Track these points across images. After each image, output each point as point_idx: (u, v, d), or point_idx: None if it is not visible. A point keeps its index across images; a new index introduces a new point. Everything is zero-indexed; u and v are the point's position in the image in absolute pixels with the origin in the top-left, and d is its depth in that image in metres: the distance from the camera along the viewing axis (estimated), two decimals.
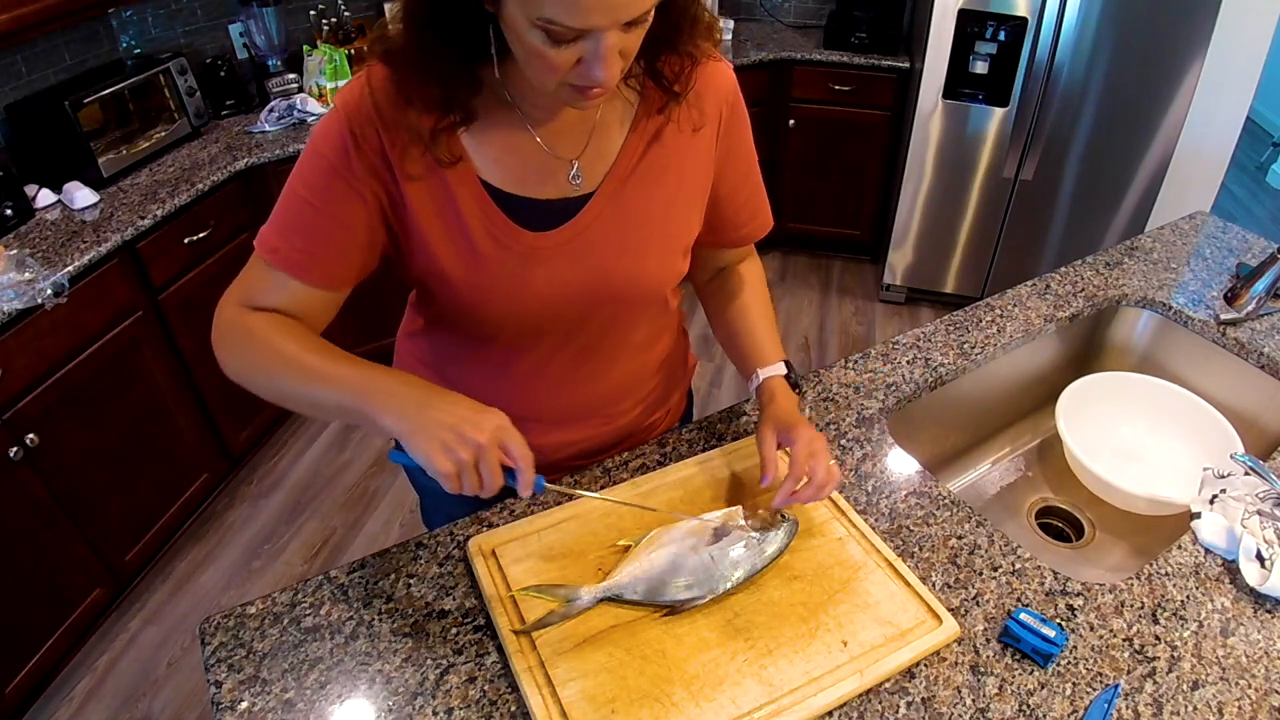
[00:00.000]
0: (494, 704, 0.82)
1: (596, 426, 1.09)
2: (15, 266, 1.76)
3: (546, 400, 1.03)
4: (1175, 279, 1.49)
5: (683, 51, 0.86)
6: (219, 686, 0.85)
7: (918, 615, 0.88)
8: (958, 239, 3.09)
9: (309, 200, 0.85)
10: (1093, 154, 2.74)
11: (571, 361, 1.00)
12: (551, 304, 0.92)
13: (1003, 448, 1.51)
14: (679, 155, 0.93)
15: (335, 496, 2.51)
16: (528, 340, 0.96)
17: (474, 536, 0.98)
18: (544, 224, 0.89)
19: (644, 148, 0.91)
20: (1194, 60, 2.50)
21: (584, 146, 0.89)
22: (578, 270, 0.91)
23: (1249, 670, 0.85)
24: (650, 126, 0.91)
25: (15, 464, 1.75)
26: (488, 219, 0.87)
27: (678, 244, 0.97)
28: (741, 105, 0.98)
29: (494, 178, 0.87)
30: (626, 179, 0.91)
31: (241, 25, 2.67)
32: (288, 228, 0.86)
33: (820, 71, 3.08)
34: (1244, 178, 4.40)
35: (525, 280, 0.89)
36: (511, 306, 0.91)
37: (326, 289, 0.88)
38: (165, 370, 2.17)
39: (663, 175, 0.92)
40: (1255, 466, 1.03)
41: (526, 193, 0.88)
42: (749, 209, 1.05)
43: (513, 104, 0.85)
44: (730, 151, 0.98)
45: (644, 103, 0.90)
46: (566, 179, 0.89)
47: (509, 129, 0.86)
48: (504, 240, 0.88)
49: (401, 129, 0.81)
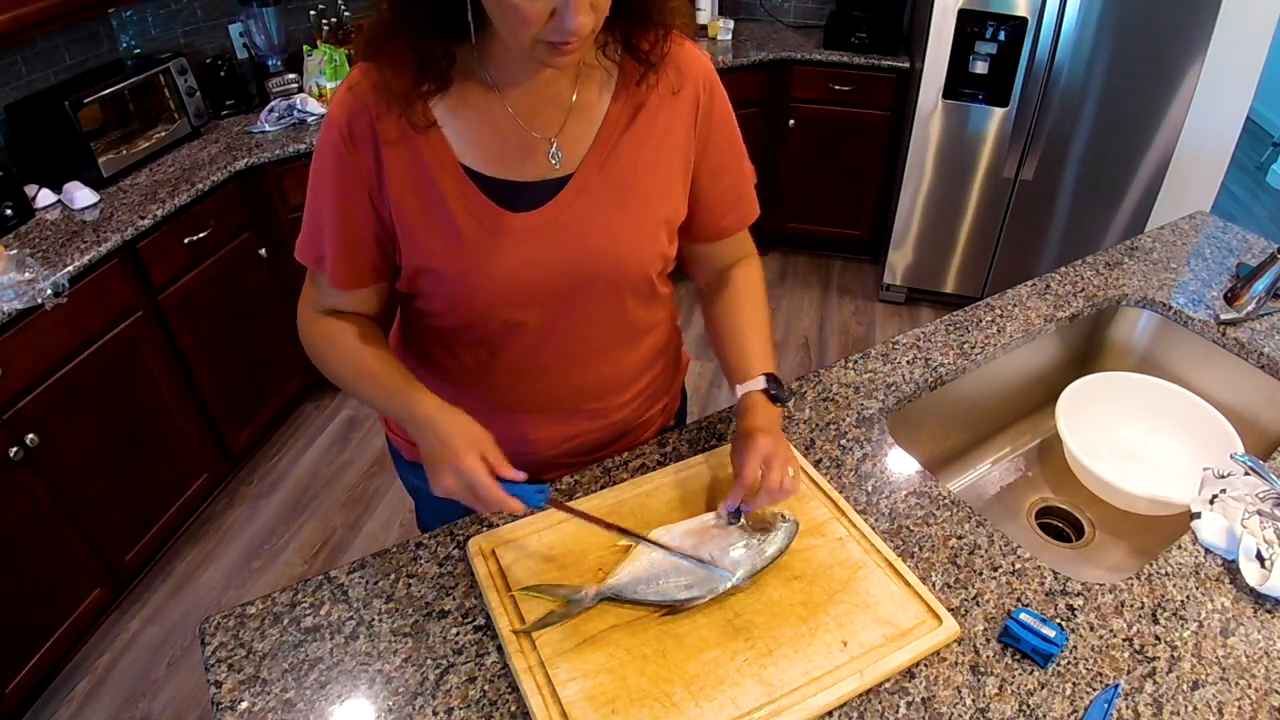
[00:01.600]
0: (494, 704, 0.82)
1: (591, 420, 1.09)
2: (15, 266, 1.76)
3: (536, 391, 1.03)
4: (1175, 279, 1.49)
5: (655, 21, 0.86)
6: (219, 686, 0.85)
7: (918, 615, 0.88)
8: (958, 239, 3.09)
9: (322, 210, 0.91)
10: (1093, 154, 2.74)
11: (559, 350, 1.00)
12: (535, 285, 0.92)
13: (1003, 448, 1.51)
14: (662, 123, 0.93)
15: (335, 496, 2.51)
16: (514, 326, 0.96)
17: (474, 536, 0.98)
18: (525, 204, 0.90)
19: (628, 119, 0.91)
20: (1194, 60, 2.50)
21: (561, 125, 0.90)
22: (560, 250, 0.91)
23: (1249, 670, 0.85)
24: (629, 104, 0.91)
25: (15, 464, 1.75)
26: (468, 201, 0.88)
27: (661, 223, 0.97)
28: (720, 92, 0.97)
29: (473, 160, 0.88)
30: (607, 157, 0.91)
31: (241, 25, 2.67)
32: (312, 238, 0.93)
33: (820, 71, 3.08)
34: (1244, 178, 4.40)
35: (508, 260, 0.90)
36: (496, 288, 0.92)
37: (368, 287, 0.96)
38: (165, 370, 2.17)
39: (644, 149, 0.93)
40: (1255, 466, 1.03)
41: (506, 174, 0.89)
42: (729, 199, 1.03)
43: (491, 85, 0.87)
44: (710, 136, 0.98)
45: (623, 75, 0.91)
46: (546, 159, 0.90)
47: (487, 110, 0.87)
48: (485, 221, 0.89)
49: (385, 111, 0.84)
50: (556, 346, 0.99)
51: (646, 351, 1.09)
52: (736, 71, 3.03)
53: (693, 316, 3.29)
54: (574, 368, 1.02)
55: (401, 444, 1.16)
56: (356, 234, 0.91)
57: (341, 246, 0.92)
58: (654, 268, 0.99)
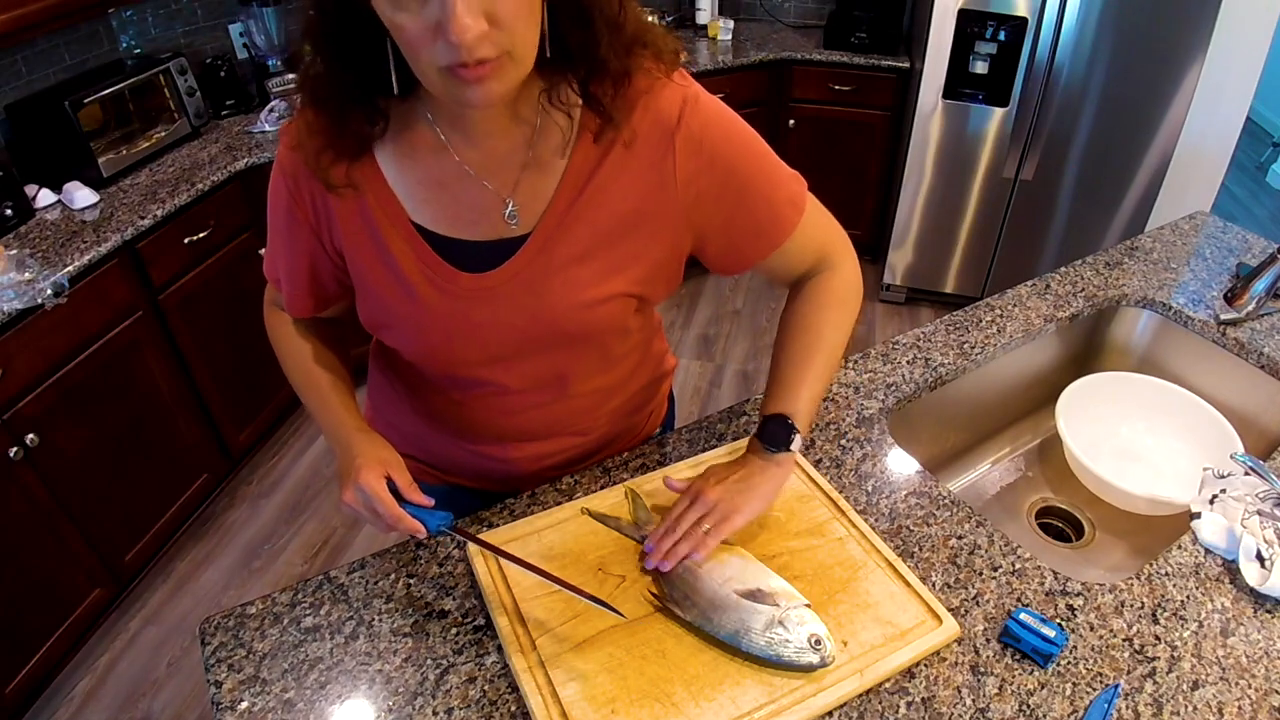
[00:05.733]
0: (494, 704, 0.82)
1: (570, 439, 1.06)
2: (15, 266, 1.76)
3: (510, 423, 1.01)
4: (1175, 279, 1.49)
5: (612, 69, 0.77)
6: (219, 686, 0.85)
7: (918, 615, 0.88)
8: (958, 239, 3.09)
9: (277, 241, 0.93)
10: (1093, 154, 2.74)
11: (530, 390, 0.96)
12: (496, 345, 0.89)
13: (1003, 448, 1.51)
14: (619, 191, 0.84)
15: (335, 496, 2.50)
16: (478, 373, 0.93)
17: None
18: (480, 265, 0.86)
19: (581, 185, 0.84)
20: (1194, 60, 2.50)
21: (516, 183, 0.84)
22: (519, 312, 0.87)
23: (1249, 670, 0.85)
24: (590, 158, 0.83)
25: (15, 464, 1.75)
26: (422, 262, 0.85)
27: (623, 283, 0.88)
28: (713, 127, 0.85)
29: (426, 219, 0.85)
30: (563, 217, 0.84)
31: (241, 25, 2.67)
32: (272, 261, 0.96)
33: (820, 71, 3.08)
34: (1244, 178, 4.40)
35: (465, 320, 0.87)
36: (456, 347, 0.90)
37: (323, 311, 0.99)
38: (165, 370, 2.17)
39: (601, 215, 0.85)
40: (1255, 466, 1.03)
41: (460, 234, 0.85)
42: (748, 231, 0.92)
43: (442, 138, 0.82)
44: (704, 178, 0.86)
45: (582, 129, 0.83)
46: (501, 218, 0.85)
47: (438, 165, 0.83)
48: (440, 283, 0.86)
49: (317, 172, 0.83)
50: (526, 388, 0.96)
51: (619, 378, 1.04)
52: (736, 71, 3.03)
53: (694, 316, 3.28)
54: (545, 403, 0.99)
55: None
56: (309, 271, 0.92)
57: (294, 279, 0.94)
58: (622, 321, 0.93)
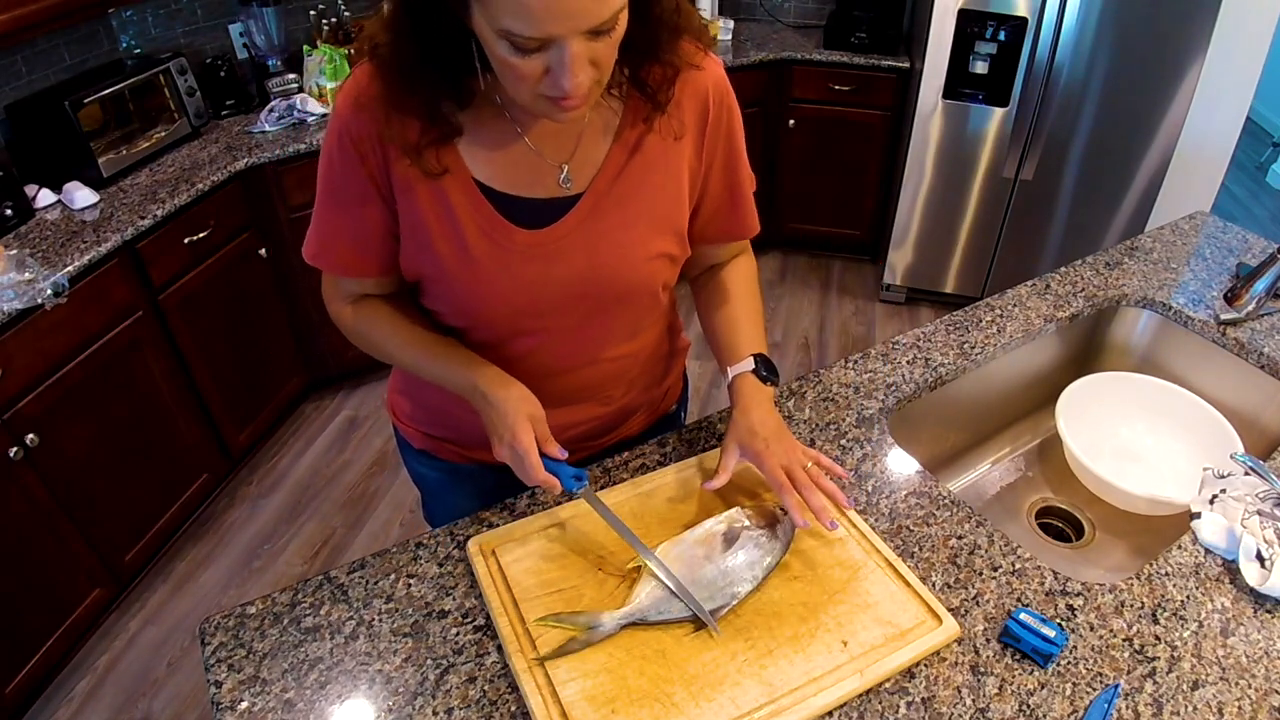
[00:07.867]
0: (494, 704, 0.82)
1: (593, 409, 1.10)
2: (15, 266, 1.76)
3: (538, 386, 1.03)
4: (1175, 279, 1.49)
5: (664, 61, 0.85)
6: (219, 686, 0.85)
7: (918, 615, 0.88)
8: (958, 239, 3.09)
9: (331, 204, 0.91)
10: (1093, 154, 2.74)
11: (562, 351, 1.01)
12: (543, 299, 0.94)
13: (1003, 448, 1.51)
14: (661, 162, 0.93)
15: (335, 496, 2.51)
16: (518, 333, 0.97)
17: (474, 536, 0.98)
18: (535, 222, 0.91)
19: (627, 157, 0.92)
20: (1194, 60, 2.50)
21: (573, 151, 0.90)
22: (568, 267, 0.92)
23: (1249, 670, 0.85)
24: (632, 136, 0.91)
25: (15, 464, 1.75)
26: (480, 216, 0.89)
27: (665, 244, 0.97)
28: (729, 105, 0.96)
29: (486, 176, 0.89)
30: (614, 182, 0.92)
31: (241, 25, 2.67)
32: (322, 233, 0.94)
33: (820, 71, 3.08)
34: (1244, 178, 4.40)
35: (517, 276, 0.91)
36: (504, 301, 0.93)
37: (381, 276, 0.96)
38: (165, 370, 2.17)
39: (646, 181, 0.93)
40: (1255, 466, 1.03)
41: (518, 192, 0.90)
42: (729, 206, 1.04)
43: (503, 108, 0.87)
44: (718, 149, 0.98)
45: (628, 112, 0.91)
46: (556, 182, 0.91)
47: (500, 132, 0.88)
48: (496, 237, 0.90)
49: (391, 135, 0.84)
50: (562, 350, 1.00)
51: (645, 347, 1.10)
52: (736, 71, 3.02)
53: (693, 317, 3.29)
54: (575, 366, 1.03)
55: (411, 433, 1.16)
56: (368, 228, 0.91)
57: (359, 238, 0.92)
58: (658, 282, 1.01)
